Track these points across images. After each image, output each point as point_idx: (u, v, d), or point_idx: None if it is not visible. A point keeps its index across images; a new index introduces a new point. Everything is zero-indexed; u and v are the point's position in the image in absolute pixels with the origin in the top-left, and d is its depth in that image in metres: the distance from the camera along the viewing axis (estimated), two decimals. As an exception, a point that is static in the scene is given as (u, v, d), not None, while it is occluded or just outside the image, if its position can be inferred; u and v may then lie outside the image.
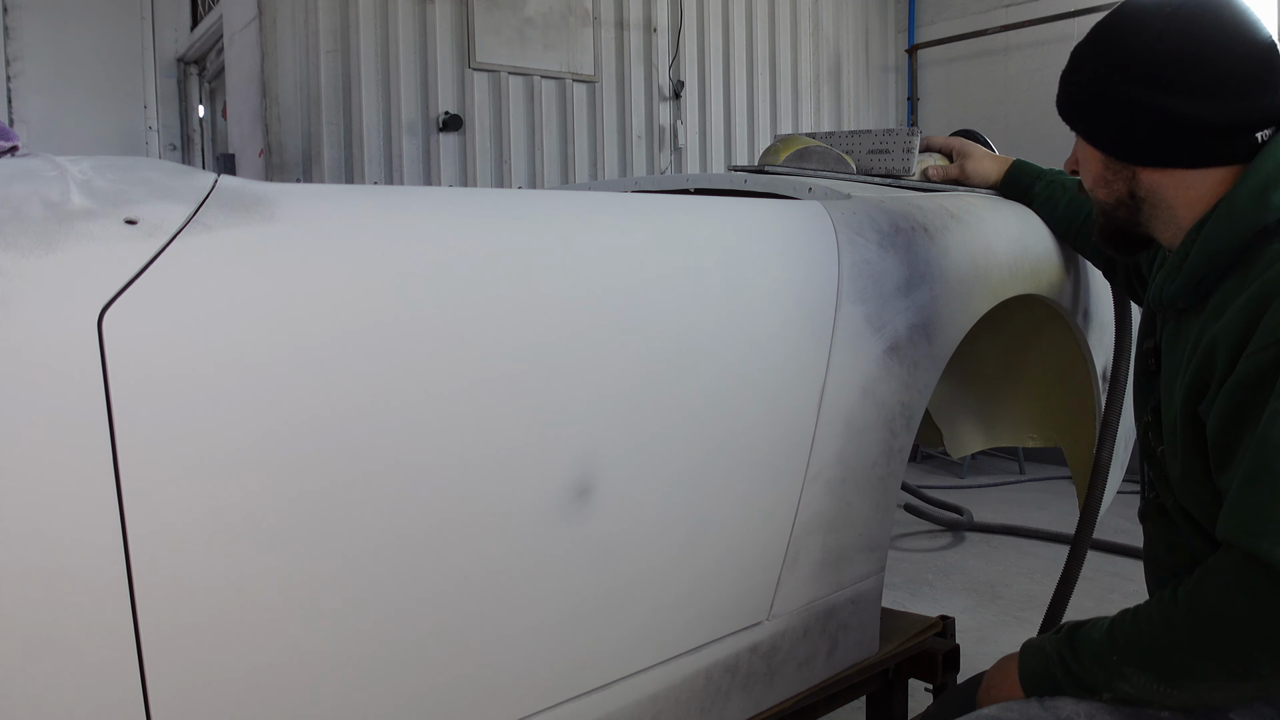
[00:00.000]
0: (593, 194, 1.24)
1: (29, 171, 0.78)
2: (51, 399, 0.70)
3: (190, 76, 5.36)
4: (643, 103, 4.91)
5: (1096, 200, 1.17)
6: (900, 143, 1.79)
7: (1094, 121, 1.13)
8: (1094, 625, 1.06)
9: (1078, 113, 1.15)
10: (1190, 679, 0.95)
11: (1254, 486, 0.90)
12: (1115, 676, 1.00)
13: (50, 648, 0.72)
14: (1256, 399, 0.93)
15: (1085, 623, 1.08)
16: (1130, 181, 1.12)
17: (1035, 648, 1.12)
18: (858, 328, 1.31)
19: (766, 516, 1.24)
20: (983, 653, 2.53)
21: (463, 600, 0.95)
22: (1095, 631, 1.04)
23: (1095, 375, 1.85)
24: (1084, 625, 1.07)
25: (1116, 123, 1.09)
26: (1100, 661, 1.02)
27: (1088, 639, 1.04)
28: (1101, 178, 1.14)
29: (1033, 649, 1.12)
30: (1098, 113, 1.11)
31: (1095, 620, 1.07)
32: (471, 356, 0.93)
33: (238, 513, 0.79)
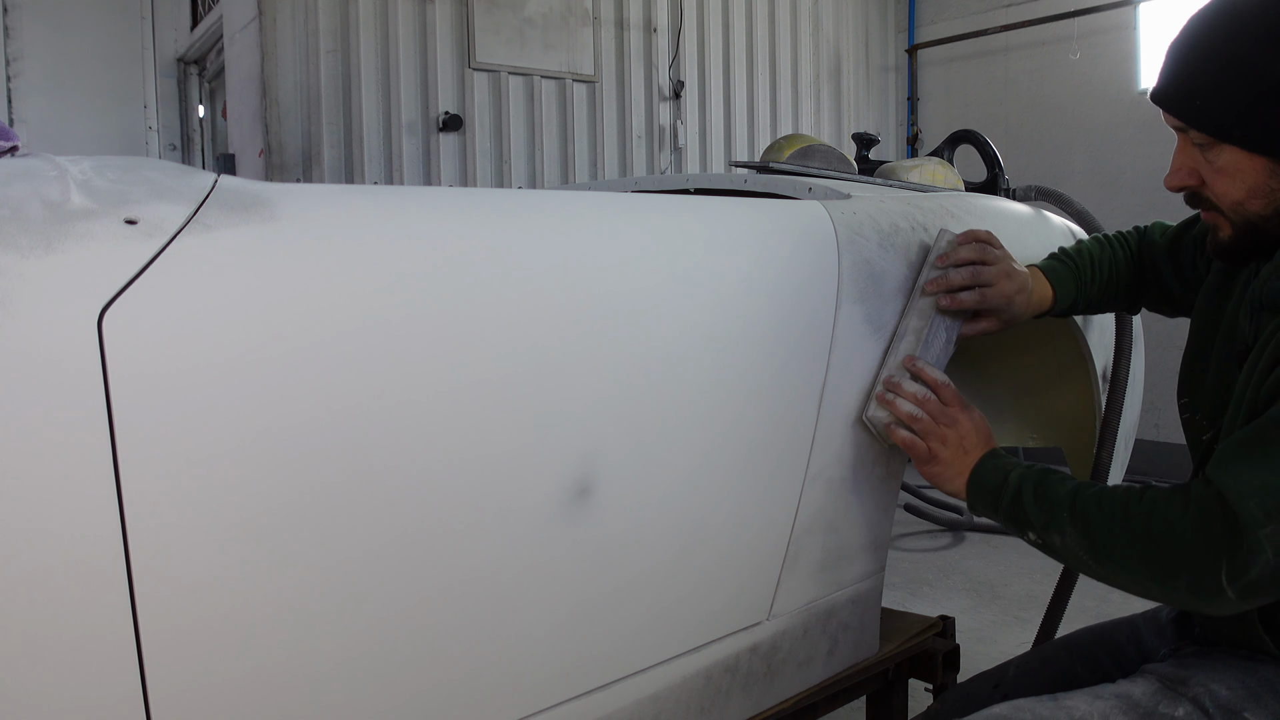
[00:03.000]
0: (593, 194, 1.24)
1: (29, 171, 0.78)
2: (51, 399, 0.70)
3: (190, 76, 5.36)
4: (643, 103, 4.91)
5: (1242, 213, 1.04)
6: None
7: (1265, 126, 0.98)
8: (1062, 479, 1.10)
9: (1237, 119, 0.99)
10: (1115, 562, 1.02)
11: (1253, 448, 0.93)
12: (1053, 526, 1.07)
13: (50, 648, 0.72)
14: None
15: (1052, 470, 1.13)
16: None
17: (998, 466, 1.16)
18: (858, 328, 1.30)
19: (766, 516, 1.24)
20: (983, 653, 2.53)
21: (463, 600, 0.94)
22: (1061, 486, 1.08)
23: (1095, 375, 1.85)
24: (1053, 472, 1.12)
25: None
26: (1051, 509, 1.07)
27: (1054, 487, 1.09)
28: (1264, 187, 1.01)
29: (995, 466, 1.17)
30: (1273, 115, 0.97)
31: (1060, 472, 1.12)
32: (471, 356, 0.93)
33: (238, 512, 0.79)
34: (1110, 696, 1.07)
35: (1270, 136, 0.98)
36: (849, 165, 2.57)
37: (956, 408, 1.24)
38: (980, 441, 1.21)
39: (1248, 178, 1.02)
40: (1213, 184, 1.05)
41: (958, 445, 1.21)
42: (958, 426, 1.22)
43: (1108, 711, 1.04)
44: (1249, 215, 1.04)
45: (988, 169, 4.06)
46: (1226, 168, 1.03)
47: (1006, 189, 4.02)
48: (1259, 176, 1.01)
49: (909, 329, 1.33)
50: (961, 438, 1.21)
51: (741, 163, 2.11)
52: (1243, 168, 1.02)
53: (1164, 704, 1.05)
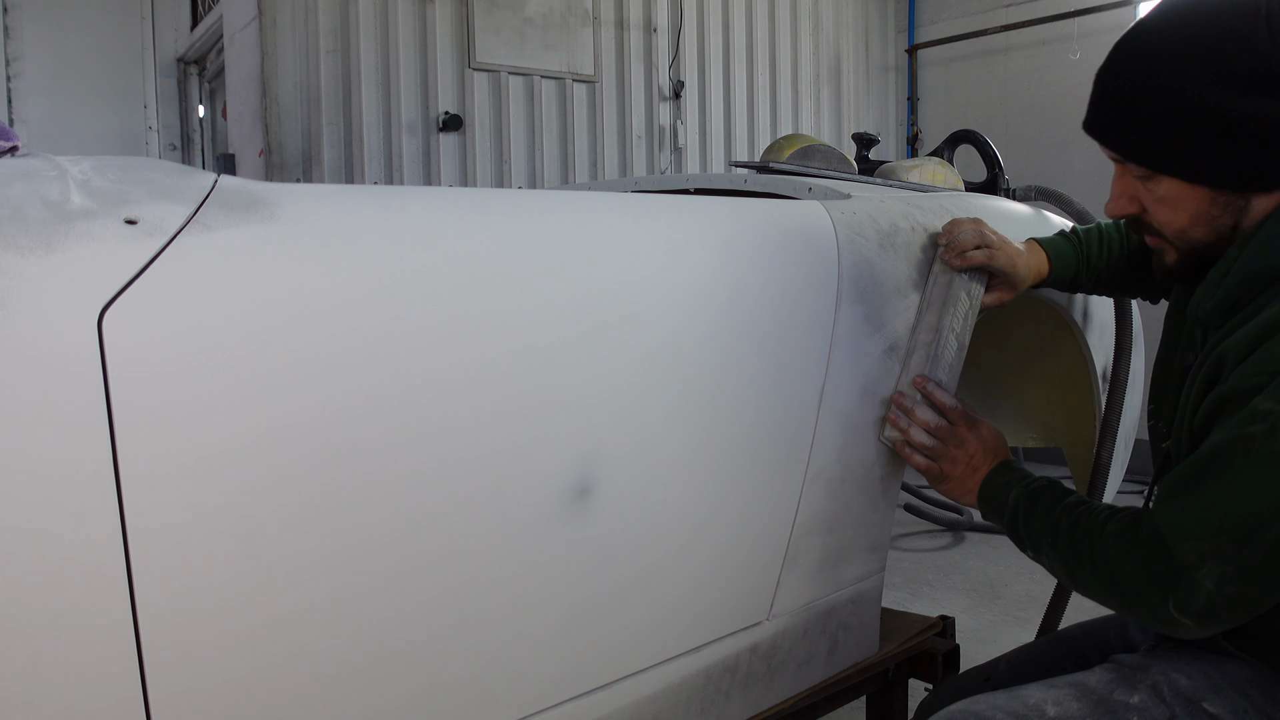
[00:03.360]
0: (593, 194, 1.24)
1: (29, 171, 0.78)
2: (51, 399, 0.70)
3: (190, 76, 5.36)
4: (643, 103, 4.91)
5: (1185, 240, 1.04)
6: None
7: (1202, 156, 0.96)
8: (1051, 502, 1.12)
9: (1172, 151, 0.98)
10: (1089, 590, 1.06)
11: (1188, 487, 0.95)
12: (1041, 551, 1.12)
13: (50, 648, 0.72)
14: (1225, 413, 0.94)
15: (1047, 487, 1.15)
16: (1240, 212, 1.00)
17: (1002, 484, 1.20)
18: (858, 328, 1.31)
19: (766, 516, 1.24)
20: (983, 653, 2.53)
21: (463, 600, 0.94)
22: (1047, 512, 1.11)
23: (1095, 375, 1.85)
24: (1045, 491, 1.14)
25: (1237, 150, 0.95)
26: (1038, 534, 1.12)
27: (1042, 509, 1.12)
28: (1205, 215, 1.01)
29: (999, 484, 1.20)
30: (1208, 145, 0.95)
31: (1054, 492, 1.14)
32: (471, 356, 0.93)
33: (237, 512, 0.79)
34: (1065, 685, 1.09)
35: (1208, 166, 0.97)
36: (849, 165, 2.56)
37: (964, 427, 1.28)
38: (988, 458, 1.25)
39: (1189, 206, 1.01)
40: (1154, 212, 1.04)
41: (966, 464, 1.25)
42: (966, 446, 1.26)
43: (1061, 698, 1.06)
44: (1192, 242, 1.03)
45: (988, 169, 4.06)
46: (1167, 197, 1.02)
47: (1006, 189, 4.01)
48: (1200, 205, 1.00)
49: (919, 343, 1.37)
50: (970, 457, 1.25)
51: (741, 163, 2.11)
52: (1183, 197, 1.01)
53: (1119, 691, 1.05)
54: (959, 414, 1.29)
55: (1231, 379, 0.94)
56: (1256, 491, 0.89)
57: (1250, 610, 0.93)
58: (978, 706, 1.08)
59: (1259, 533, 0.89)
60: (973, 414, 1.30)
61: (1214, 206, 1.00)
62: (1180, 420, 1.05)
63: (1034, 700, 1.06)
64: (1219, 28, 0.94)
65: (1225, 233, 1.01)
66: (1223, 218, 1.00)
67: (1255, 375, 0.91)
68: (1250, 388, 0.91)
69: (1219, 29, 0.94)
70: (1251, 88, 0.92)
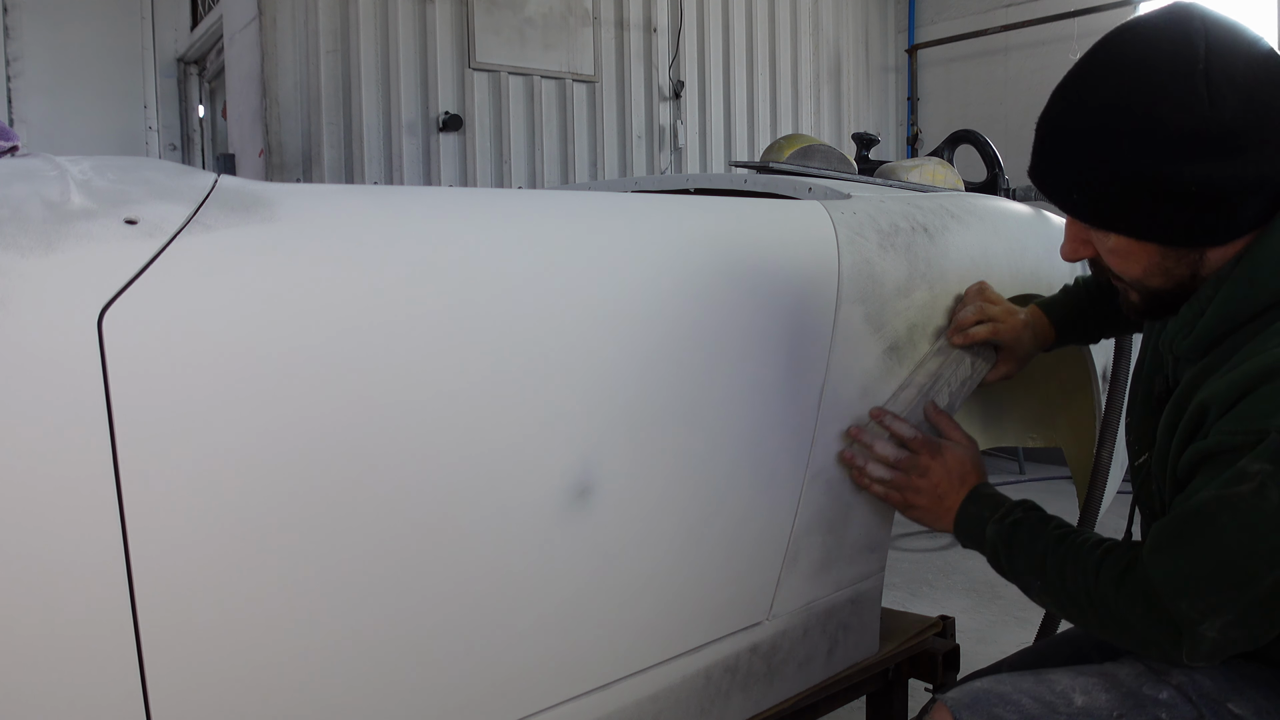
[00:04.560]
0: (593, 194, 1.24)
1: (29, 171, 0.79)
2: (51, 399, 0.70)
3: (190, 76, 5.36)
4: (643, 103, 4.91)
5: (1144, 287, 1.01)
6: None
7: (1148, 218, 0.94)
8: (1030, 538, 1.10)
9: (1117, 212, 0.95)
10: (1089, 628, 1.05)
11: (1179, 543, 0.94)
12: (1031, 591, 1.11)
13: (50, 648, 0.72)
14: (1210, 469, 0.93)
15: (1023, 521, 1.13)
16: (1195, 264, 0.97)
17: (976, 516, 1.18)
18: (858, 328, 1.31)
19: (766, 516, 1.24)
20: (983, 653, 2.53)
21: (463, 600, 0.94)
22: (1031, 547, 1.10)
23: (1095, 375, 1.85)
24: (1021, 526, 1.12)
25: (1184, 212, 0.92)
26: (1024, 571, 1.11)
27: (1023, 549, 1.11)
28: (1158, 267, 0.98)
29: (973, 516, 1.18)
30: (1154, 207, 0.93)
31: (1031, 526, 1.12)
32: (471, 356, 0.93)
33: (237, 512, 0.79)
34: (1094, 674, 1.08)
35: (1154, 226, 0.95)
36: (849, 165, 2.57)
37: (926, 456, 1.26)
38: (955, 484, 1.23)
39: (1140, 260, 0.99)
40: (1108, 261, 1.02)
41: (932, 494, 1.24)
42: (930, 476, 1.24)
43: (1090, 686, 1.05)
44: (1151, 290, 1.01)
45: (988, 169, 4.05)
46: (1118, 249, 0.99)
47: (1006, 189, 4.01)
48: (1152, 259, 0.98)
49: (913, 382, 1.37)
50: (934, 486, 1.24)
51: (741, 163, 2.11)
52: (1134, 251, 0.98)
53: (1148, 686, 1.05)
54: (920, 443, 1.27)
55: (1215, 434, 0.93)
56: (1248, 546, 0.89)
57: (1259, 639, 0.94)
58: (1003, 688, 1.06)
59: (1255, 582, 0.89)
60: (938, 440, 1.28)
61: (1166, 259, 0.98)
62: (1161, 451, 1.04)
63: (1061, 687, 1.05)
64: (1154, 87, 0.90)
65: (1184, 280, 0.99)
66: (1177, 269, 0.98)
67: (1240, 434, 0.90)
68: (1235, 445, 0.90)
69: (1154, 88, 0.90)
70: (1192, 151, 0.89)
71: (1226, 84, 0.88)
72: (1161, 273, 0.99)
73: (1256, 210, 0.93)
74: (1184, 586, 0.93)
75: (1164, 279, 1.00)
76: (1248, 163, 0.89)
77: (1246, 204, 0.92)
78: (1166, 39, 0.92)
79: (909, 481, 1.26)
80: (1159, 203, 0.92)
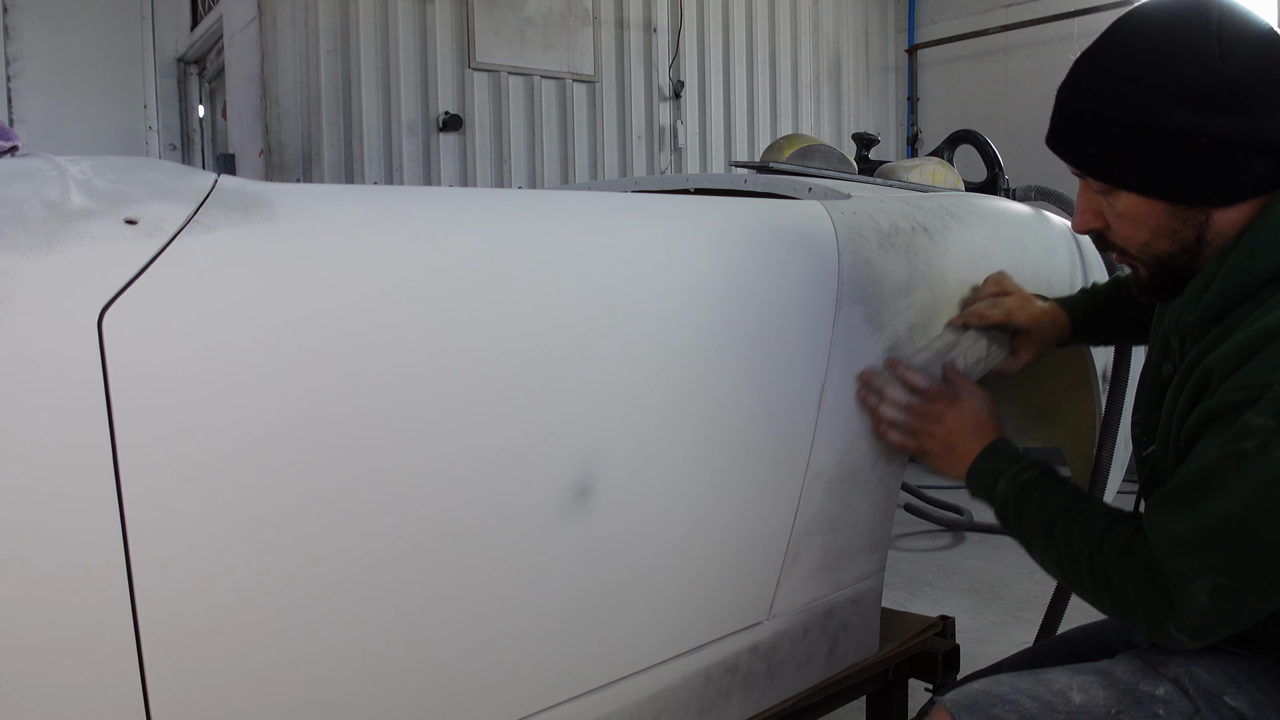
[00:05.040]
0: (593, 194, 1.24)
1: (29, 171, 0.78)
2: (51, 399, 0.70)
3: (190, 76, 5.36)
4: (643, 103, 4.91)
5: (1150, 253, 1.04)
6: None
7: (1158, 172, 0.98)
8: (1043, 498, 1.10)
9: (1129, 166, 0.99)
10: (1086, 597, 1.06)
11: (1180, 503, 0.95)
12: (1034, 548, 1.11)
13: (50, 648, 0.72)
14: (1214, 428, 0.94)
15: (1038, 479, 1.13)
16: (1201, 226, 1.00)
17: (990, 469, 1.18)
18: (858, 328, 1.30)
19: (766, 516, 1.24)
20: (983, 653, 2.53)
21: (463, 600, 0.94)
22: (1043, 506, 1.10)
23: (1095, 375, 1.86)
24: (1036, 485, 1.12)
25: (1193, 166, 0.96)
26: (1030, 529, 1.11)
27: (1034, 507, 1.11)
28: (1166, 229, 1.01)
29: (987, 469, 1.18)
30: (1164, 160, 0.97)
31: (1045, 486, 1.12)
32: (471, 356, 0.93)
33: (238, 513, 0.79)
34: (1091, 672, 1.08)
35: (1164, 181, 0.98)
36: (849, 165, 2.57)
37: (942, 404, 1.27)
38: (970, 434, 1.23)
39: (1149, 221, 1.02)
40: (1117, 228, 1.05)
41: (946, 440, 1.24)
42: (945, 422, 1.25)
43: (1087, 685, 1.05)
44: (1158, 255, 1.04)
45: (988, 169, 4.05)
46: (1127, 212, 1.03)
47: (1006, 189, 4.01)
48: (1160, 219, 1.01)
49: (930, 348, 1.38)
50: (948, 433, 1.24)
51: (741, 163, 2.11)
52: (1143, 211, 1.01)
53: (1144, 682, 1.05)
54: (936, 392, 1.28)
55: (1220, 394, 0.94)
56: (1249, 505, 0.89)
57: (1239, 625, 0.94)
58: (1001, 689, 1.06)
59: (1252, 544, 0.89)
60: (955, 390, 1.28)
61: (1173, 220, 1.01)
62: (1165, 429, 1.05)
63: (1059, 686, 1.05)
64: (1171, 44, 0.95)
65: (1189, 245, 1.02)
66: (1184, 231, 1.01)
67: (1244, 389, 0.91)
68: (1240, 401, 0.91)
69: (1171, 46, 0.95)
70: (1203, 104, 0.94)
71: (1238, 44, 0.94)
72: (1169, 234, 1.02)
73: (1262, 173, 0.97)
74: (1181, 543, 0.93)
75: (1170, 241, 1.02)
76: (1255, 122, 0.94)
77: (1252, 164, 0.96)
78: (1183, 6, 0.98)
79: (923, 426, 1.26)
80: (1169, 156, 0.96)
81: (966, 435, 1.23)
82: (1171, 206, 1.00)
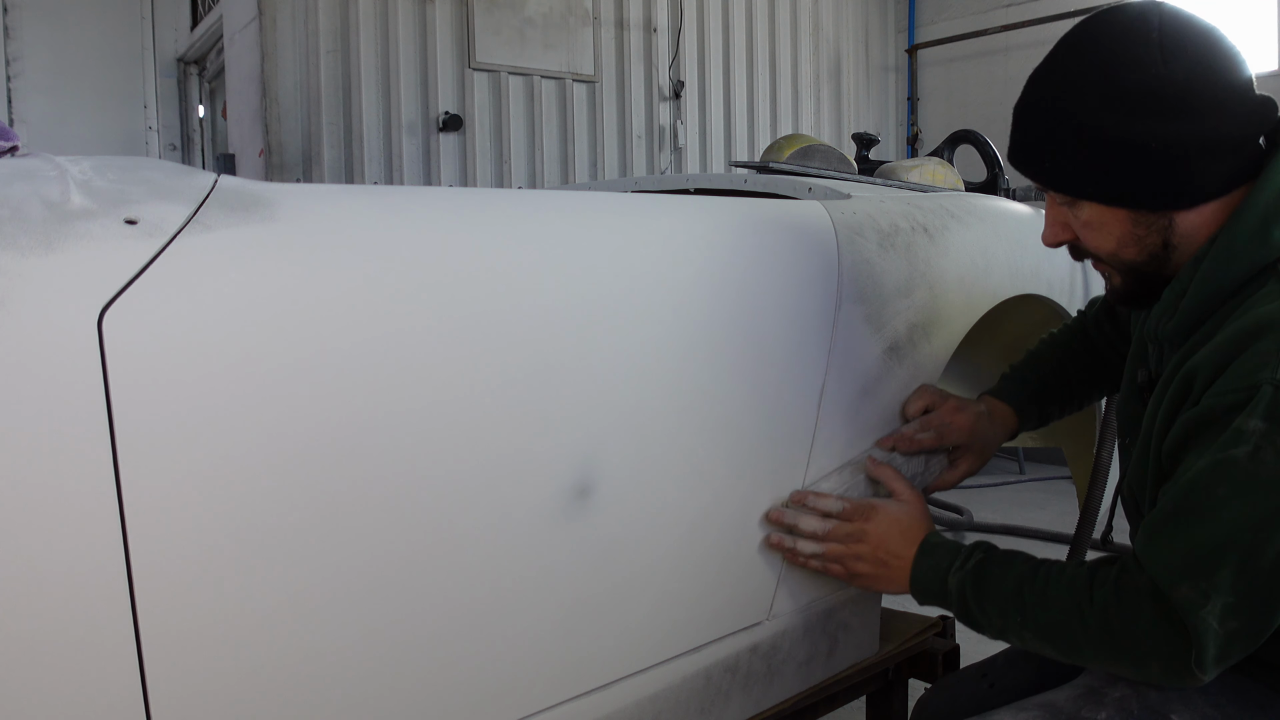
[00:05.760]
0: (593, 194, 1.24)
1: (29, 171, 0.78)
2: (51, 399, 0.70)
3: (190, 76, 5.37)
4: (643, 103, 4.91)
5: (1120, 262, 1.04)
6: None
7: (1116, 179, 0.98)
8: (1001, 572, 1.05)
9: (1087, 177, 1.00)
10: (1085, 658, 1.01)
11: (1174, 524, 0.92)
12: (1009, 631, 1.04)
13: (50, 648, 0.72)
14: (1202, 437, 0.92)
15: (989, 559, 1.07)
16: (1166, 231, 1.00)
17: (933, 568, 1.11)
18: (858, 328, 1.30)
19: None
20: (983, 653, 2.52)
21: (463, 600, 0.94)
22: (1003, 582, 1.04)
23: (1095, 375, 1.85)
24: (989, 564, 1.06)
25: (1148, 172, 0.96)
26: (1000, 612, 1.04)
27: (995, 586, 1.05)
28: (1130, 236, 1.01)
29: (930, 569, 1.11)
30: (1120, 168, 0.97)
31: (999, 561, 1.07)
32: (472, 357, 0.93)
33: (238, 514, 0.79)
34: (1033, 706, 1.07)
35: (1121, 189, 0.99)
36: (849, 165, 2.57)
37: (860, 520, 1.19)
38: (899, 543, 1.16)
39: (1113, 229, 1.02)
40: (1084, 238, 1.05)
41: (873, 558, 1.17)
42: (867, 539, 1.18)
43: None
44: (1128, 264, 1.04)
45: (988, 169, 4.04)
46: (1091, 222, 1.03)
47: (1006, 189, 4.01)
48: (1123, 226, 1.01)
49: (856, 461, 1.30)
50: (875, 549, 1.17)
51: (741, 163, 2.11)
52: (1105, 220, 1.02)
53: (1086, 708, 1.04)
54: (850, 511, 1.20)
55: (1205, 399, 0.92)
56: (1248, 515, 0.87)
57: (1251, 644, 0.91)
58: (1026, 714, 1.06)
59: (1257, 554, 0.87)
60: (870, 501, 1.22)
61: (1137, 227, 1.01)
62: (1145, 439, 1.03)
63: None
64: (1115, 54, 0.96)
65: (1157, 251, 1.02)
66: (1149, 237, 1.01)
67: (1232, 392, 0.89)
68: (1229, 405, 0.89)
69: (1115, 56, 0.96)
70: (1150, 110, 0.94)
71: (1179, 49, 0.95)
72: (1134, 242, 1.02)
73: (1220, 173, 0.97)
74: (1186, 568, 0.90)
75: (1137, 249, 1.02)
76: (1203, 123, 0.94)
77: (1207, 166, 0.96)
78: (1123, 17, 0.99)
79: (846, 550, 1.18)
80: (1123, 164, 0.97)
81: (895, 545, 1.16)
82: (1133, 213, 1.00)
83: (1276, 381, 0.87)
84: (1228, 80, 0.95)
